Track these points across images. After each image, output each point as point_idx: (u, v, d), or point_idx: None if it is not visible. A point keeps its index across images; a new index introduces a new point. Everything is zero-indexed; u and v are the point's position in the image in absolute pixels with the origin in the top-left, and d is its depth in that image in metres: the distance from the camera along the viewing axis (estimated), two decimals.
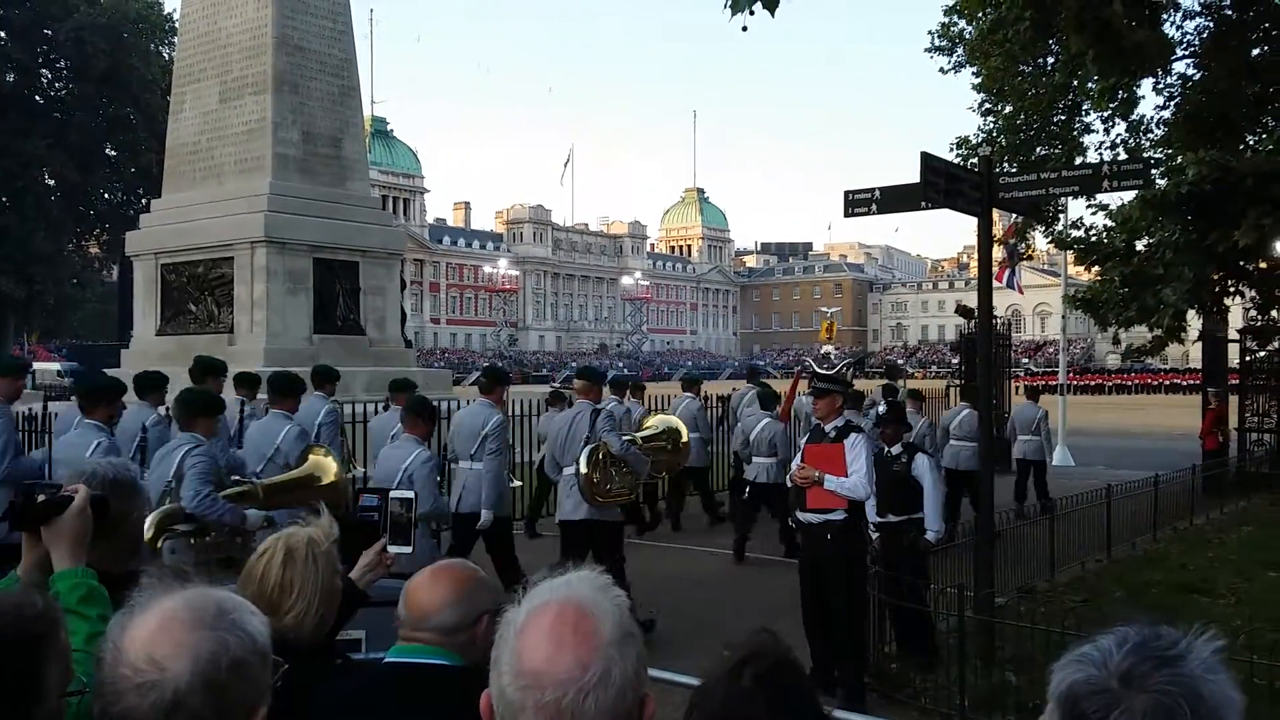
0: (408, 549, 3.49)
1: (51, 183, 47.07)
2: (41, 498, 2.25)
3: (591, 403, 8.36)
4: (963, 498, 12.06)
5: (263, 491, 6.50)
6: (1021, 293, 27.51)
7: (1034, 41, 13.77)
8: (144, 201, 32.90)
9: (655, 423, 11.36)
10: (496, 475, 8.24)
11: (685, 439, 11.29)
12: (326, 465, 6.96)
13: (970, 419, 12.49)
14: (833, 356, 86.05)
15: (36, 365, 43.30)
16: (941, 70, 17.63)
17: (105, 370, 14.11)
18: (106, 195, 51.42)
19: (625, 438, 8.64)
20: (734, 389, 15.15)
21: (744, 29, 5.28)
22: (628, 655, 1.42)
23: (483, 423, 8.27)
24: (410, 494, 3.95)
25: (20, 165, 42.82)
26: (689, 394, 13.62)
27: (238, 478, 6.77)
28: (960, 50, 17.18)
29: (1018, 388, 20.24)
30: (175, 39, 27.72)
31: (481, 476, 8.11)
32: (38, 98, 47.47)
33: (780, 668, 1.80)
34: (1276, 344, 17.52)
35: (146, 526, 5.28)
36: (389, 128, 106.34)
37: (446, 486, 8.61)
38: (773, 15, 4.89)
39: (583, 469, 7.90)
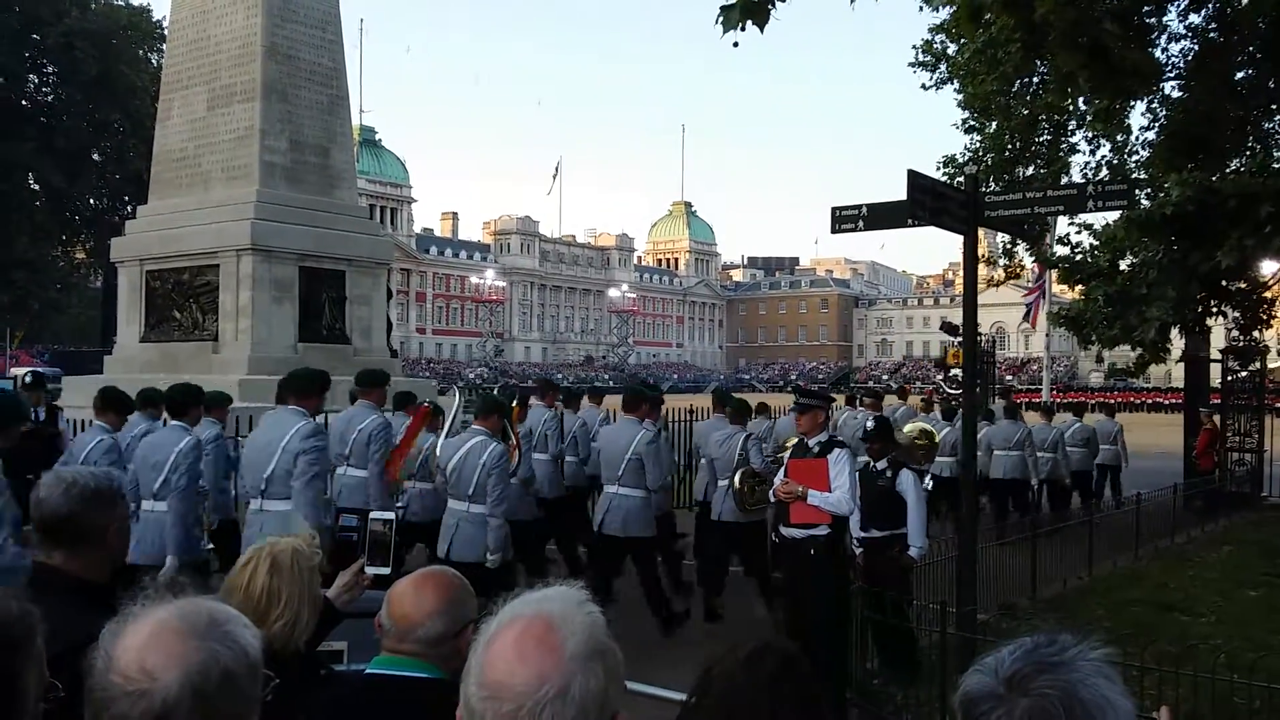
0: (386, 570, 3.45)
1: (37, 188, 46.82)
2: None
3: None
4: (1073, 493, 14.69)
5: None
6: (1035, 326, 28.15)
7: (1025, 62, 13.82)
8: (130, 208, 32.74)
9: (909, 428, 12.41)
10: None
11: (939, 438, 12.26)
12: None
13: (1081, 430, 15.41)
14: (959, 377, 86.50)
15: (16, 371, 43.03)
16: (924, 87, 17.64)
17: (89, 375, 14.03)
18: (92, 201, 51.17)
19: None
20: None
21: (735, 45, 5.33)
22: (592, 671, 1.42)
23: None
24: (390, 515, 3.67)
25: (5, 170, 42.59)
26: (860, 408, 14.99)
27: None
28: (943, 67, 17.22)
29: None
30: (164, 46, 27.70)
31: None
32: (24, 102, 47.22)
33: (793, 660, 1.95)
34: (1258, 364, 17.65)
35: (739, 478, 8.63)
36: (377, 137, 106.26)
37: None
38: (762, 32, 4.95)
39: None
